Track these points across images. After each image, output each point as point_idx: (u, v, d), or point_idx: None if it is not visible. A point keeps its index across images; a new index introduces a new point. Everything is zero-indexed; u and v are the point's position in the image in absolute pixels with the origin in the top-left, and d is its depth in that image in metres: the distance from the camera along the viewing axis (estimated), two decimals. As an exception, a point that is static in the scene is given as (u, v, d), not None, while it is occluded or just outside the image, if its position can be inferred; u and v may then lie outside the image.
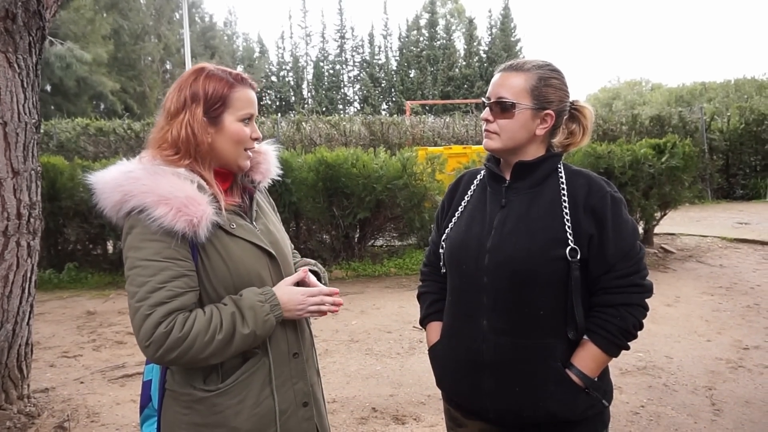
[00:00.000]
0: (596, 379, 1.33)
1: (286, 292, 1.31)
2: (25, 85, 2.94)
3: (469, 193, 1.53)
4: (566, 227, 1.32)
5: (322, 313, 1.36)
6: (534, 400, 1.32)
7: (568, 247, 1.31)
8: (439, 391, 3.33)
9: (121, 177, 1.23)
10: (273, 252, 1.36)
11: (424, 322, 1.60)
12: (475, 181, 1.54)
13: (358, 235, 7.21)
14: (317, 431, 1.42)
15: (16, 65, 2.87)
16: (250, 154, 1.36)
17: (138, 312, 1.17)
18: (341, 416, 3.21)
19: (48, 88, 20.96)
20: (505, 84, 1.37)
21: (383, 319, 5.06)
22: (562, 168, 1.41)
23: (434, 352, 1.52)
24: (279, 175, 1.52)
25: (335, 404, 3.36)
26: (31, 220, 3.02)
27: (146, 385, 1.44)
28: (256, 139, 1.36)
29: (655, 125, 13.15)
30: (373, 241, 7.57)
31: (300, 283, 1.37)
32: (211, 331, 1.19)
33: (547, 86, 1.38)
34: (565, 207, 1.34)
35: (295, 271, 1.43)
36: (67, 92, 21.49)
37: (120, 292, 6.39)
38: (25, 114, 2.95)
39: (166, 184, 1.21)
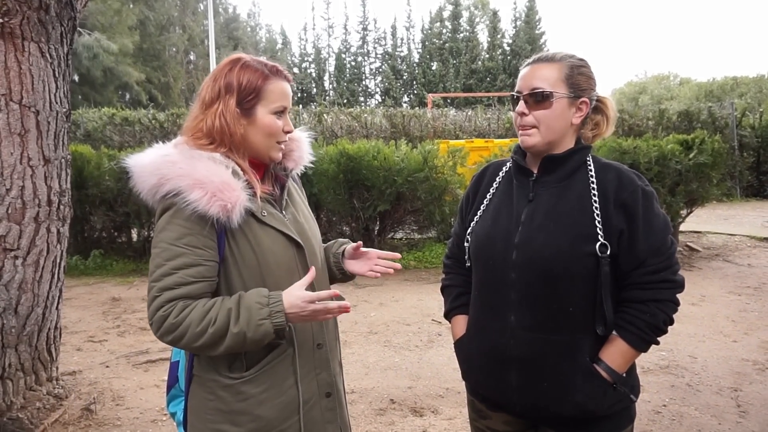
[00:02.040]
0: (624, 375, 1.31)
1: (290, 296, 1.23)
2: (57, 74, 3.00)
3: (494, 185, 1.51)
4: (596, 222, 1.30)
5: (327, 316, 1.26)
6: (562, 395, 1.31)
7: (598, 243, 1.29)
8: (457, 385, 3.31)
9: (158, 160, 1.25)
10: (300, 242, 1.36)
11: (449, 316, 1.59)
12: (500, 173, 1.52)
13: (378, 228, 7.22)
14: (338, 421, 1.43)
15: (48, 55, 2.92)
16: (282, 146, 1.37)
17: (150, 291, 1.22)
18: (360, 407, 3.24)
19: (76, 78, 21.36)
20: (538, 75, 1.36)
21: (402, 312, 5.07)
22: (591, 161, 1.39)
23: (460, 346, 1.51)
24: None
25: (354, 395, 3.38)
26: (61, 207, 3.09)
27: (173, 366, 1.47)
28: (288, 132, 1.36)
29: (683, 120, 12.84)
30: (393, 233, 7.58)
31: (310, 286, 1.29)
32: (204, 324, 1.18)
33: (580, 74, 1.38)
34: (595, 201, 1.32)
35: (333, 254, 1.49)
36: (94, 82, 21.89)
37: (144, 279, 6.52)
38: (57, 103, 3.01)
39: (202, 169, 1.22)
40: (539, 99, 1.35)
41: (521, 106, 1.38)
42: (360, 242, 1.47)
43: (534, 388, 1.34)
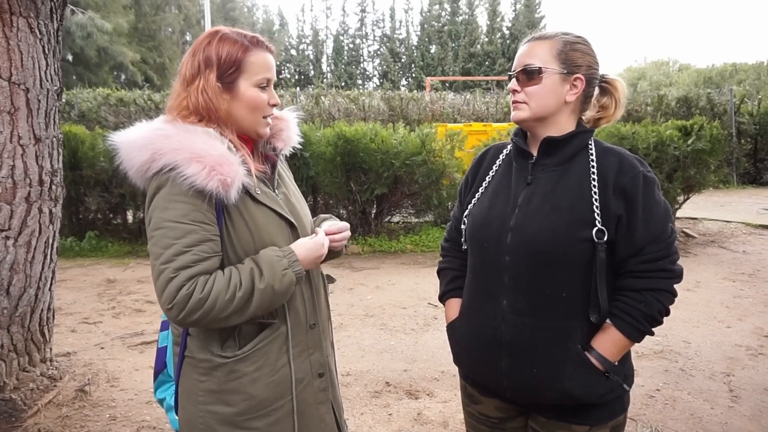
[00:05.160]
0: (617, 363, 1.30)
1: (300, 246, 1.30)
2: (47, 51, 2.94)
3: (494, 168, 1.48)
4: (594, 207, 1.27)
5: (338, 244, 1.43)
6: (552, 382, 1.29)
7: (595, 228, 1.26)
8: (452, 368, 3.31)
9: (150, 134, 1.20)
10: (293, 221, 1.34)
11: (443, 299, 1.57)
12: (500, 156, 1.49)
13: (375, 211, 7.20)
14: (331, 402, 1.43)
15: (37, 31, 2.86)
16: (269, 120, 1.33)
17: (162, 274, 1.15)
18: (355, 389, 3.24)
19: (69, 57, 21.08)
20: (530, 53, 1.34)
21: (398, 295, 5.07)
22: (592, 145, 1.36)
23: (453, 329, 1.50)
24: (297, 149, 1.49)
25: (349, 377, 3.39)
26: (53, 187, 3.05)
27: (161, 352, 1.45)
28: (274, 105, 1.32)
29: (681, 107, 12.81)
30: (389, 217, 7.57)
31: None
32: (231, 290, 1.18)
33: (574, 50, 1.33)
34: (594, 186, 1.29)
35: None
36: (88, 62, 21.60)
37: (139, 261, 6.49)
38: (47, 80, 2.95)
39: (199, 142, 1.18)
40: (529, 75, 1.33)
41: (513, 83, 1.36)
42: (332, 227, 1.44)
43: (524, 373, 1.32)
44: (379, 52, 36.67)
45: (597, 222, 1.26)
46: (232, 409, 1.27)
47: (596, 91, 1.41)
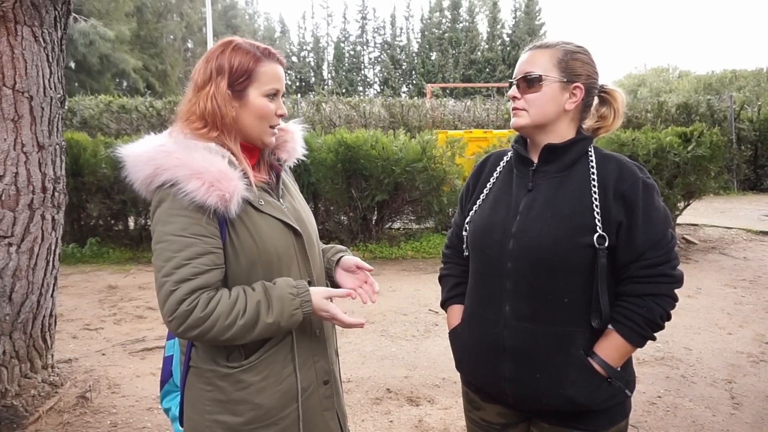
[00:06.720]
0: (619, 369, 1.30)
1: (316, 294, 1.29)
2: (51, 59, 2.96)
3: (494, 175, 1.50)
4: (595, 213, 1.28)
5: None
6: (554, 388, 1.30)
7: (596, 234, 1.27)
8: (453, 375, 3.31)
9: (153, 150, 1.23)
10: (299, 230, 1.36)
11: (445, 305, 1.58)
12: (501, 163, 1.51)
13: (375, 218, 7.21)
14: (336, 409, 1.43)
15: (41, 39, 2.88)
16: (275, 131, 1.35)
17: (163, 287, 1.17)
18: (356, 396, 3.24)
19: (72, 64, 21.19)
20: (531, 61, 1.36)
21: (399, 302, 5.07)
22: (592, 152, 1.37)
23: (455, 335, 1.51)
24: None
25: (350, 384, 3.39)
26: (56, 194, 3.07)
27: (167, 361, 1.45)
28: (281, 116, 1.35)
29: (681, 113, 12.83)
30: (390, 223, 7.57)
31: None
32: (233, 316, 1.19)
33: (574, 60, 1.36)
34: (594, 192, 1.30)
35: (327, 259, 1.49)
36: (90, 69, 21.71)
37: (141, 267, 6.50)
38: (51, 88, 2.97)
39: (198, 159, 1.21)
40: (529, 83, 1.35)
41: (513, 90, 1.38)
42: (359, 261, 1.46)
43: (527, 379, 1.32)
44: (379, 59, 36.80)
45: (598, 228, 1.27)
46: (239, 419, 1.27)
47: (595, 101, 1.43)
